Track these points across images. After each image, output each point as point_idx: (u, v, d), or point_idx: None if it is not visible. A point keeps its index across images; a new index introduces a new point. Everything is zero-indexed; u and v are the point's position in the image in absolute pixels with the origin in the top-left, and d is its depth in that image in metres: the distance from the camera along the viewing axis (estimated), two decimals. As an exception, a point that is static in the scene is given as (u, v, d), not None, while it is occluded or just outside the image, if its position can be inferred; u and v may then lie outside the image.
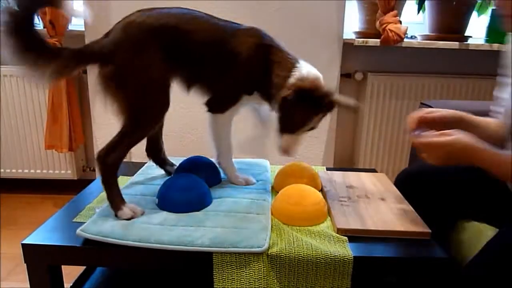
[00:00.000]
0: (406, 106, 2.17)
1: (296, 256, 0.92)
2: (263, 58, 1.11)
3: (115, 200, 1.04)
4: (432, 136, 0.96)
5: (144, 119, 1.06)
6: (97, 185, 1.31)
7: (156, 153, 1.32)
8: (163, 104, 1.07)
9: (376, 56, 2.23)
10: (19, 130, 2.20)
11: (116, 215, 1.02)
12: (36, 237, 0.97)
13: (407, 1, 2.09)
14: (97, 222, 0.99)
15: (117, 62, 1.01)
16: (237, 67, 1.11)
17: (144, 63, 1.03)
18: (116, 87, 1.02)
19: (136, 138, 1.07)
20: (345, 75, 2.19)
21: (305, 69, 1.09)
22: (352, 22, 2.19)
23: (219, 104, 1.18)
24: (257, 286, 0.90)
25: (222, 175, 1.32)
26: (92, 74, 2.04)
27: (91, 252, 0.95)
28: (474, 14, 2.12)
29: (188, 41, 1.08)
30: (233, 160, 1.51)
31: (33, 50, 0.93)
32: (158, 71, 1.05)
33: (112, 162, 1.03)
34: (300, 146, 1.15)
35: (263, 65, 1.12)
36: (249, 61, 1.11)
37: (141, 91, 1.03)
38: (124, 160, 1.05)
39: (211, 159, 1.34)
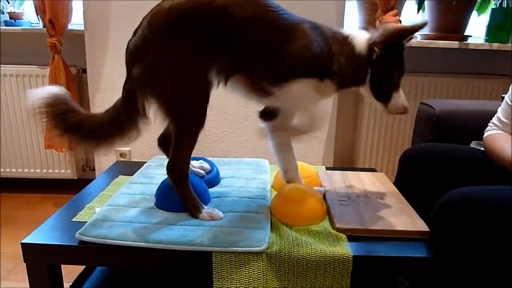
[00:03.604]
0: (406, 106, 2.16)
1: (296, 255, 0.92)
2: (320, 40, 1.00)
3: (192, 206, 1.04)
4: None
5: (188, 118, 0.99)
6: (96, 185, 1.31)
7: (167, 145, 1.17)
8: (203, 98, 0.99)
9: (376, 56, 2.22)
10: (19, 130, 2.20)
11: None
12: (36, 237, 0.97)
13: (407, 1, 2.09)
14: (95, 224, 0.99)
15: (145, 60, 0.94)
16: (294, 51, 0.98)
17: (175, 55, 0.93)
18: (149, 88, 0.96)
19: (189, 139, 1.01)
20: (345, 75, 2.18)
21: (358, 32, 1.03)
22: (352, 22, 2.19)
23: (285, 72, 1.02)
24: (256, 286, 0.90)
25: (221, 174, 1.33)
26: (92, 74, 2.05)
27: (91, 251, 0.95)
28: (474, 13, 2.11)
29: (232, 23, 0.95)
30: (232, 159, 1.52)
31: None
32: (194, 62, 0.95)
33: (179, 170, 1.02)
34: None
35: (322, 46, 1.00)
36: (307, 44, 0.98)
37: (177, 87, 0.96)
38: (124, 159, 1.05)
39: (209, 159, 1.35)
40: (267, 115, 1.14)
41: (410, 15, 2.18)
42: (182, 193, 1.04)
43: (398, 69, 1.03)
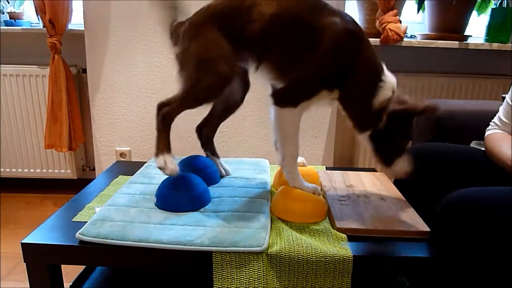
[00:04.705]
0: (406, 106, 2.16)
1: (296, 255, 0.92)
2: (350, 48, 0.98)
3: (159, 146, 1.08)
4: None
5: (198, 87, 1.05)
6: (96, 185, 1.31)
7: (203, 132, 1.33)
8: (220, 76, 1.02)
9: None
10: (19, 130, 2.20)
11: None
12: (36, 237, 0.97)
13: (407, 1, 2.09)
14: (95, 224, 0.99)
15: (180, 48, 1.07)
16: (319, 51, 0.98)
17: (202, 44, 1.03)
18: (181, 69, 1.08)
19: (188, 103, 1.08)
20: (345, 75, 2.18)
21: (389, 85, 1.02)
22: (352, 22, 2.19)
23: (290, 95, 1.04)
24: (256, 286, 0.90)
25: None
26: (92, 74, 2.05)
27: (91, 251, 0.95)
28: (474, 13, 2.12)
29: (256, 15, 0.99)
30: (232, 159, 1.52)
31: None
32: (219, 50, 1.02)
33: (165, 113, 1.07)
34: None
35: (349, 56, 0.98)
36: (335, 47, 0.97)
37: (198, 64, 1.04)
38: (124, 159, 1.06)
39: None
40: None
41: (410, 15, 2.18)
42: (160, 132, 1.08)
43: (404, 136, 1.04)
